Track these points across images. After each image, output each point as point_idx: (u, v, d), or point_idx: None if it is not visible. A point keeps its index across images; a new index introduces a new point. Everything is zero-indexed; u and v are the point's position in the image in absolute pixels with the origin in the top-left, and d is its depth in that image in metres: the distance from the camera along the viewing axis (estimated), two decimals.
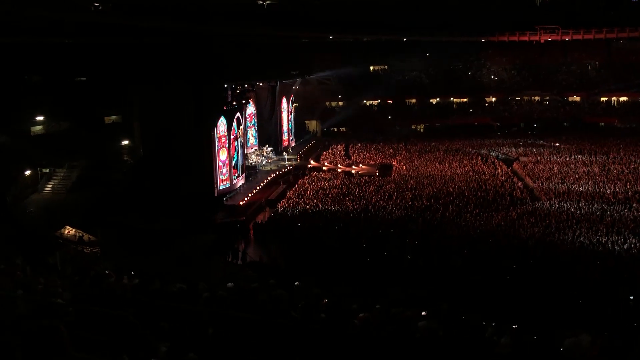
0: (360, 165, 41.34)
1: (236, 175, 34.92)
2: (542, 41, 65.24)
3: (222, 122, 33.53)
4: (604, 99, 63.96)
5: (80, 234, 24.15)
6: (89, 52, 44.27)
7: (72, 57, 42.99)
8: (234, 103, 36.41)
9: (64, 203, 30.12)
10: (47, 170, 34.60)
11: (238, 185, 35.16)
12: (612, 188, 31.16)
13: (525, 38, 65.20)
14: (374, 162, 42.27)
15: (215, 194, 32.37)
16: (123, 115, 40.06)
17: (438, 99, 67.10)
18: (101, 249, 23.03)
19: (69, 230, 24.73)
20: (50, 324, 4.21)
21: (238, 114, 36.20)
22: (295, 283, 12.31)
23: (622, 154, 41.60)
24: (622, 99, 63.32)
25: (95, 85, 40.87)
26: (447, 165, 39.81)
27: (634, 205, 27.87)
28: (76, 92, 39.75)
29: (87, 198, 30.10)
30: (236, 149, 35.07)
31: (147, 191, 30.10)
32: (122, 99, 36.71)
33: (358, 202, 29.91)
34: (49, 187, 33.45)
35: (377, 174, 37.93)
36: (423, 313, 8.83)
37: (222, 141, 33.50)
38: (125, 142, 38.00)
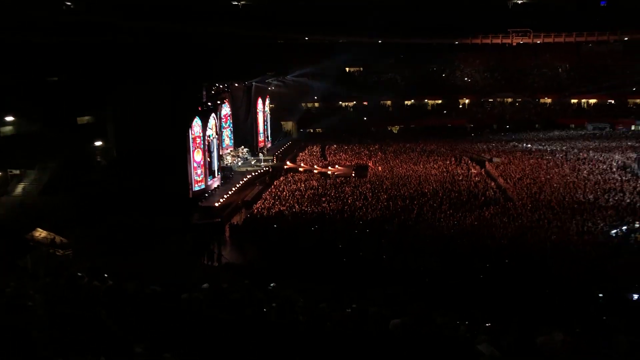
0: (336, 166, 41.46)
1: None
2: (514, 44, 66.42)
3: (197, 123, 33.33)
4: (574, 100, 65.33)
5: (52, 237, 23.71)
6: (61, 51, 43.51)
7: (44, 57, 42.20)
8: (209, 103, 36.22)
9: (35, 205, 29.55)
10: (18, 172, 33.91)
11: (213, 187, 34.98)
12: (583, 188, 31.81)
13: (498, 41, 66.30)
14: (349, 163, 42.43)
15: (190, 195, 32.15)
16: (96, 116, 39.46)
17: (413, 100, 67.70)
18: (74, 251, 22.66)
19: (40, 233, 24.26)
20: (21, 327, 4.17)
21: (213, 114, 36.04)
22: (271, 284, 12.32)
23: (592, 154, 42.50)
24: (591, 101, 64.78)
25: (68, 85, 40.19)
26: (421, 166, 40.18)
27: (604, 204, 28.50)
28: (48, 92, 39.05)
29: (60, 200, 29.60)
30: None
31: (121, 193, 29.75)
32: (96, 100, 36.18)
33: (334, 203, 29.99)
34: (19, 188, 32.78)
35: (353, 175, 38.08)
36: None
37: (197, 142, 33.29)
38: (98, 143, 37.46)
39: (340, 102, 66.50)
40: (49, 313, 5.97)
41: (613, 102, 63.62)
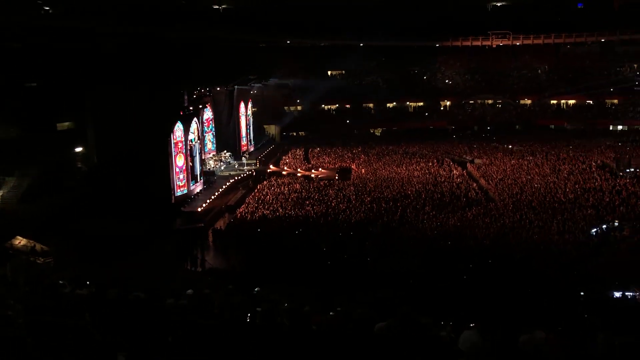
0: (320, 169, 41.45)
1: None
2: (494, 46, 66.98)
3: (178, 128, 33.13)
4: (553, 102, 66.14)
5: (32, 244, 23.37)
6: (40, 56, 42.92)
7: (22, 62, 41.61)
8: (191, 108, 36.02)
9: (14, 212, 29.11)
10: None
11: (196, 192, 34.77)
12: (563, 187, 32.22)
13: (478, 43, 66.82)
14: (333, 166, 42.46)
15: (173, 200, 31.93)
16: (76, 121, 38.93)
17: (395, 103, 68.00)
18: (55, 258, 22.35)
19: (19, 241, 23.89)
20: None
21: (195, 119, 35.85)
22: (256, 289, 12.28)
23: (571, 154, 43.06)
24: (570, 102, 65.64)
25: (47, 91, 39.64)
26: (404, 168, 40.38)
27: (584, 203, 28.89)
28: (26, 98, 38.51)
29: (40, 207, 29.19)
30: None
31: (103, 199, 29.44)
32: (76, 105, 35.72)
33: (318, 206, 30.01)
34: None
35: (337, 177, 38.12)
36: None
37: (179, 146, 33.09)
38: (78, 149, 36.99)
39: (323, 106, 66.56)
40: (30, 322, 5.88)
41: (591, 102, 64.53)
